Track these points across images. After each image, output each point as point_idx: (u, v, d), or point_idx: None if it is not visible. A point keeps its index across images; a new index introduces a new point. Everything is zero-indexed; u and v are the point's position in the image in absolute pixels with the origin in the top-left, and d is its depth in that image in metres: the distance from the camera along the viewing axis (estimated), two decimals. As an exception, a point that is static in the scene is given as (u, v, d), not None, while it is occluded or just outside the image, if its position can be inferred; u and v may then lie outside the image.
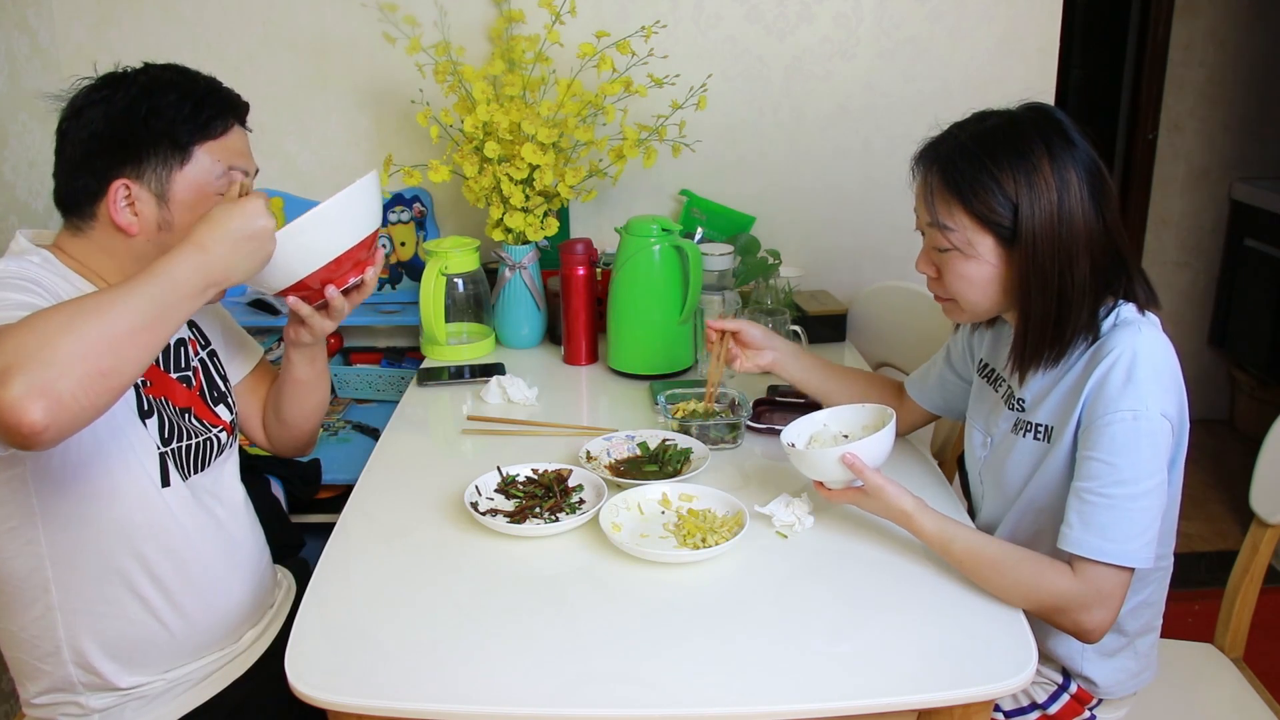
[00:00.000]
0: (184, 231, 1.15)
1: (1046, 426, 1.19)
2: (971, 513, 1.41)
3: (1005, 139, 1.13)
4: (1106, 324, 1.14)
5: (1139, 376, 1.07)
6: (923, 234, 1.23)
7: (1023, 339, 1.18)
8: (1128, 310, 1.14)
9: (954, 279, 1.19)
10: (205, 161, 1.17)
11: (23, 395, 0.83)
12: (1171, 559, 1.27)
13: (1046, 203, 1.10)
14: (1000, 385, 1.29)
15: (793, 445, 1.26)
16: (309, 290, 1.23)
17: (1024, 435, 1.22)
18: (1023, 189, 1.11)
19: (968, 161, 1.14)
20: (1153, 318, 1.15)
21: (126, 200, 1.14)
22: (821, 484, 1.24)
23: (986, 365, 1.34)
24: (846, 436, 1.31)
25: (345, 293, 1.25)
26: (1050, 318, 1.14)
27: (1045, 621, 1.13)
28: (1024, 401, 1.23)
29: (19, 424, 0.83)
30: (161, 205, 1.15)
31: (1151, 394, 1.07)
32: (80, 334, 0.88)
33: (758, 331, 1.50)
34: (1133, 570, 1.08)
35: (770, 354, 1.51)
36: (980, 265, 1.16)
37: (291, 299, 1.25)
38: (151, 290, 0.95)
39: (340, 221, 1.19)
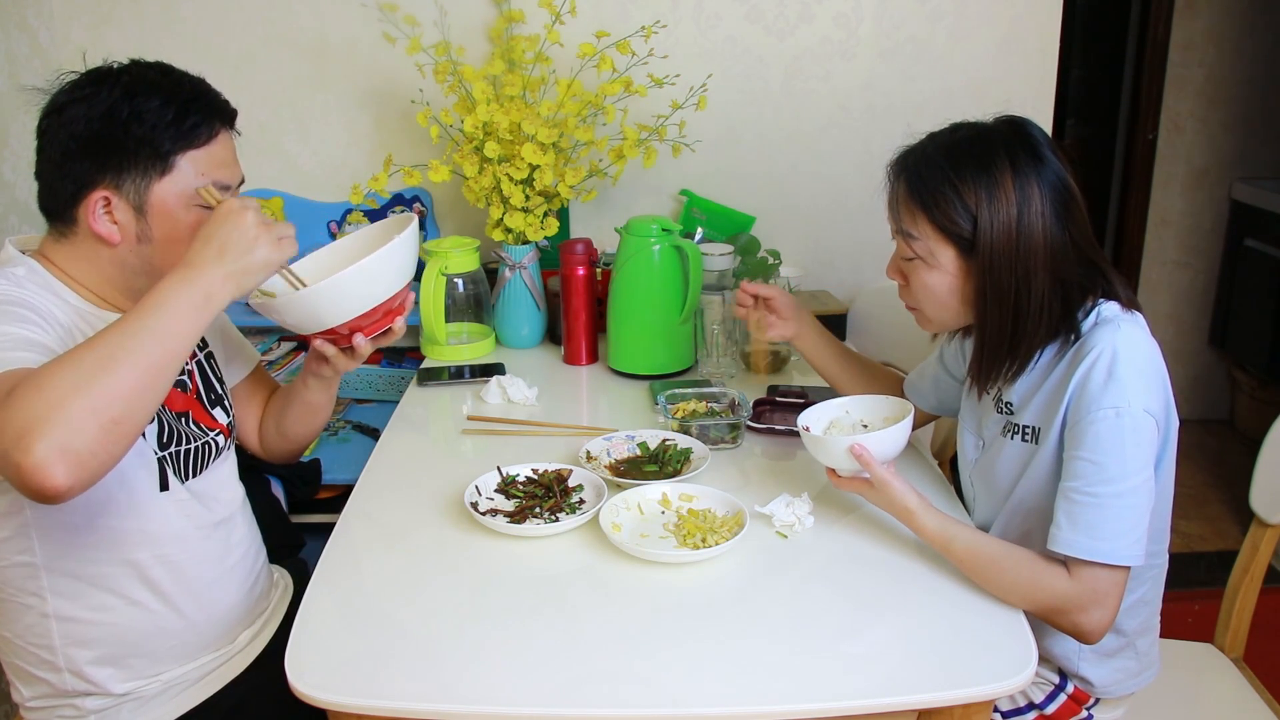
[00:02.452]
0: (163, 244, 1.14)
1: (1033, 428, 1.19)
2: (967, 514, 1.41)
3: (970, 151, 1.14)
4: (1087, 323, 1.15)
5: (1120, 374, 1.07)
6: (895, 242, 1.24)
7: (980, 352, 1.20)
8: (1109, 309, 1.14)
9: (918, 288, 1.21)
10: (188, 171, 1.13)
11: (44, 460, 0.84)
12: (1165, 557, 1.27)
13: (1005, 216, 1.11)
14: (990, 389, 1.29)
15: (807, 429, 1.26)
16: (338, 335, 1.23)
17: (1012, 437, 1.22)
18: (983, 201, 1.12)
19: (932, 172, 1.15)
20: (1137, 315, 1.15)
21: (105, 210, 1.11)
22: (833, 471, 1.24)
23: None
24: (866, 425, 1.32)
25: (374, 338, 1.25)
26: (1006, 331, 1.15)
27: (1046, 623, 1.13)
28: (1012, 405, 1.23)
29: (43, 487, 0.84)
30: (139, 217, 1.12)
31: (1134, 390, 1.07)
32: (90, 389, 0.87)
33: (789, 300, 1.52)
34: (1128, 569, 1.08)
35: (795, 325, 1.53)
36: (942, 275, 1.18)
37: (318, 341, 1.25)
38: (150, 325, 0.94)
39: (381, 275, 1.18)
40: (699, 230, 1.87)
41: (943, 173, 1.14)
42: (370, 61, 2.16)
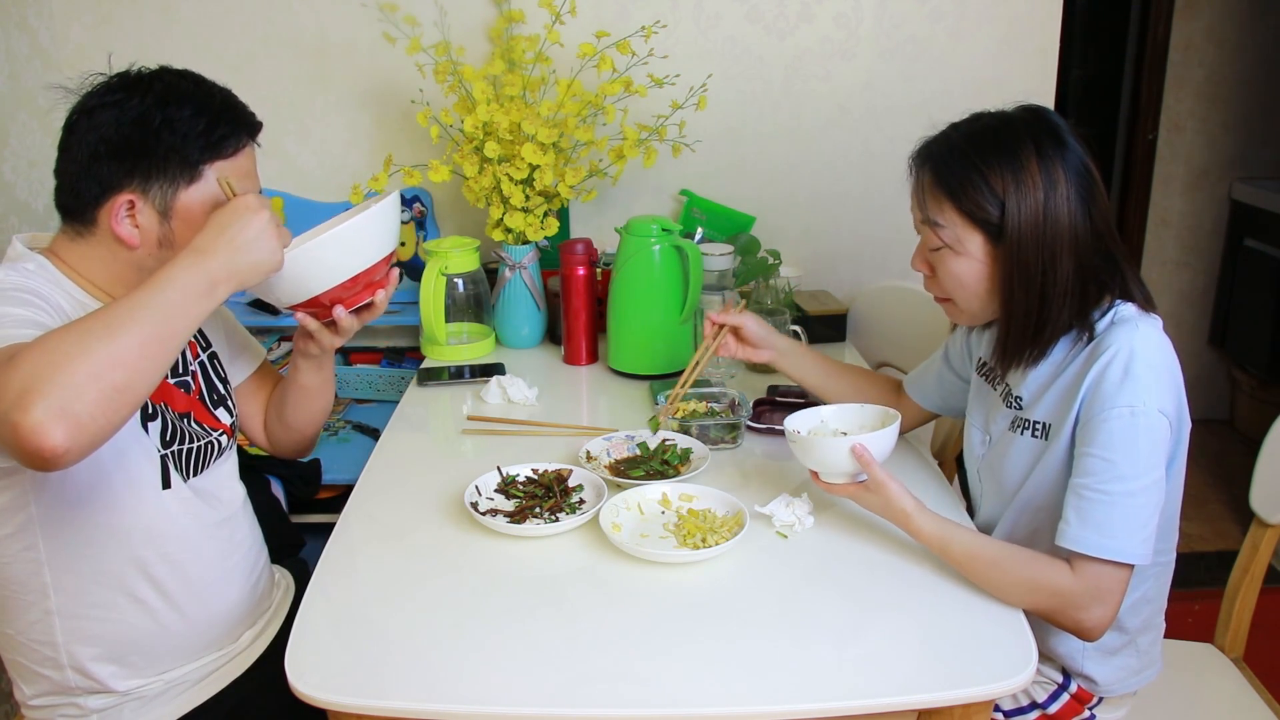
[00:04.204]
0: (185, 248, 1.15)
1: (1044, 424, 1.19)
2: (970, 512, 1.41)
3: (995, 138, 1.15)
4: (1104, 322, 1.15)
5: (1136, 373, 1.08)
6: (919, 233, 1.24)
7: (1005, 335, 1.20)
8: (1126, 309, 1.15)
9: (946, 277, 1.21)
10: (213, 181, 1.14)
11: (43, 420, 0.84)
12: (1173, 555, 1.27)
13: (1033, 200, 1.12)
14: (999, 384, 1.29)
15: (798, 433, 1.26)
16: (319, 307, 1.22)
17: (1022, 433, 1.22)
18: (1010, 186, 1.12)
19: (958, 159, 1.16)
20: (1154, 317, 1.15)
21: (129, 213, 1.11)
22: (817, 475, 1.24)
23: (985, 364, 1.34)
24: (845, 434, 1.31)
25: (356, 312, 1.24)
26: (1032, 315, 1.15)
27: (1046, 621, 1.13)
28: (1021, 399, 1.23)
29: (41, 448, 0.84)
30: (164, 222, 1.13)
31: (1149, 390, 1.07)
32: (92, 353, 0.88)
33: (759, 328, 1.50)
34: (1132, 567, 1.09)
35: (768, 353, 1.51)
36: (970, 263, 1.18)
37: (300, 314, 1.25)
38: (156, 300, 0.95)
39: (357, 244, 1.18)
40: (699, 230, 1.87)
41: (969, 160, 1.15)
42: (370, 61, 2.16)
